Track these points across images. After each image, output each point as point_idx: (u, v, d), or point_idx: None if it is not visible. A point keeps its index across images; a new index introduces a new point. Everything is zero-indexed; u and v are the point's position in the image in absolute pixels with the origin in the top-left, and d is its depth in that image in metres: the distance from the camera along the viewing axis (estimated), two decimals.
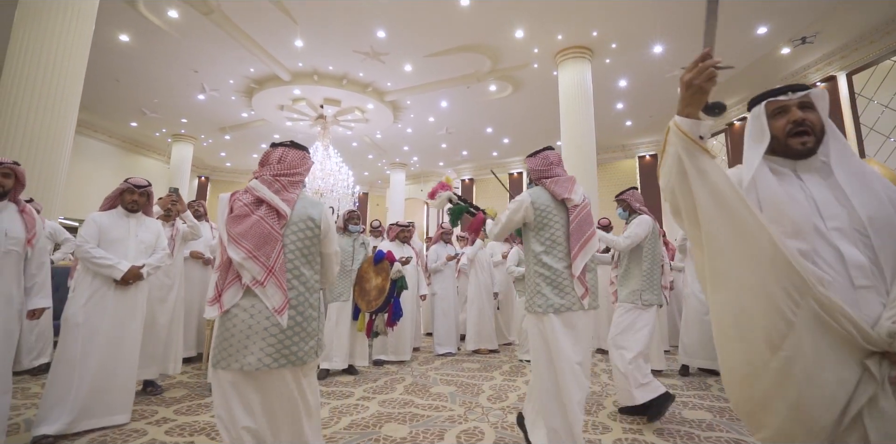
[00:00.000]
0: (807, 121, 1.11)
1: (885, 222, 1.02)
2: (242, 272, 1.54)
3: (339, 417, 2.73)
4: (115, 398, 2.51)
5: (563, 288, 1.98)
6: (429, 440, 2.38)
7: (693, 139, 1.08)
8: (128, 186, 2.76)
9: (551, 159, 2.17)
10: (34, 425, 2.28)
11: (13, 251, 2.21)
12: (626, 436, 2.47)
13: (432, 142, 12.26)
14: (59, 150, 4.59)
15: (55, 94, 4.57)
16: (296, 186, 1.70)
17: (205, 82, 8.79)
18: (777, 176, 1.12)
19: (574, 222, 2.04)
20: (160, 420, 2.60)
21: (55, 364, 2.40)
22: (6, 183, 2.22)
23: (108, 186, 9.98)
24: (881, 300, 0.98)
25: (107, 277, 2.54)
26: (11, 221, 2.24)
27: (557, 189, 2.07)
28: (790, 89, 1.14)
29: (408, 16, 6.60)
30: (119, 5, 6.32)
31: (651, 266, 2.90)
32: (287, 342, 1.54)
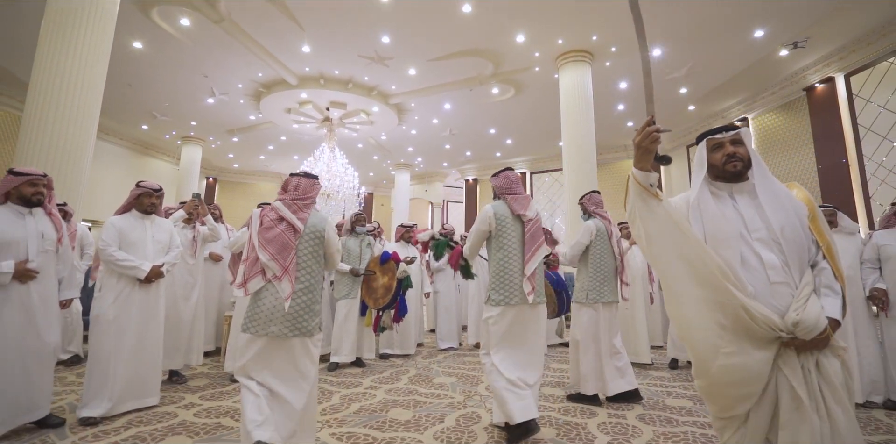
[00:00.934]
0: (737, 154, 1.42)
1: (793, 232, 1.33)
2: (266, 269, 2.08)
3: (349, 403, 3.01)
4: (145, 384, 2.82)
5: (515, 286, 2.44)
6: (430, 423, 2.66)
7: (644, 187, 1.39)
8: (146, 190, 3.02)
9: (512, 179, 2.61)
10: (78, 408, 2.58)
11: (49, 251, 2.54)
12: (609, 420, 2.73)
13: (436, 143, 12.53)
14: (82, 155, 4.89)
15: (77, 103, 4.86)
16: (309, 208, 2.25)
17: (214, 86, 9.12)
18: (716, 198, 1.44)
19: (528, 234, 2.51)
20: (188, 405, 2.90)
21: (92, 358, 2.69)
22: (42, 193, 2.53)
23: (120, 187, 10.34)
24: (791, 292, 1.30)
25: (131, 277, 2.81)
26: (45, 224, 2.56)
27: (515, 206, 2.54)
28: (724, 129, 1.46)
29: (411, 22, 6.86)
30: (134, 14, 6.64)
31: (597, 266, 3.18)
32: (300, 320, 2.09)
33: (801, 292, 1.28)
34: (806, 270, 1.35)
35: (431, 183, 15.99)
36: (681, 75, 8.31)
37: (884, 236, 3.23)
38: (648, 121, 1.34)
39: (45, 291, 2.49)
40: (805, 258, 1.35)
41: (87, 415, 2.54)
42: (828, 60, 7.94)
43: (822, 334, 1.23)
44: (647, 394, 3.29)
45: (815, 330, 1.22)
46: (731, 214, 1.38)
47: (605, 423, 2.68)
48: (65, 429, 2.45)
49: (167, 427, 2.51)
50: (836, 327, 1.27)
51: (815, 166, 8.21)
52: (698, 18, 6.62)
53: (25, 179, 2.46)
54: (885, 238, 3.20)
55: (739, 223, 1.37)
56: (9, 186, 2.44)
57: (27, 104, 4.66)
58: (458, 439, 2.42)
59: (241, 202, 15.58)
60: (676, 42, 7.26)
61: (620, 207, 7.05)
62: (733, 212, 1.39)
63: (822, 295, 1.32)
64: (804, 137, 8.48)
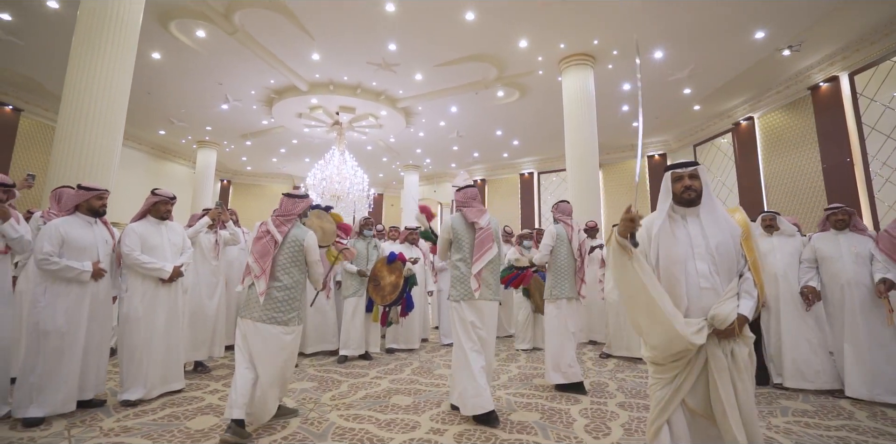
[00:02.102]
0: (692, 186, 1.81)
1: (724, 248, 1.74)
2: (251, 269, 2.65)
3: (356, 391, 3.36)
4: (172, 370, 3.21)
5: (467, 283, 2.92)
6: (427, 407, 2.99)
7: (622, 246, 1.75)
8: (162, 197, 3.34)
9: (470, 195, 3.13)
10: (119, 393, 2.96)
11: (110, 254, 3.00)
12: (591, 407, 3.03)
13: (444, 145, 12.85)
14: (109, 162, 5.29)
15: (105, 113, 5.25)
16: (289, 222, 2.75)
17: (228, 93, 9.57)
18: (672, 221, 1.84)
19: (477, 240, 2.98)
20: (213, 391, 3.28)
21: (126, 351, 3.02)
22: (106, 205, 2.94)
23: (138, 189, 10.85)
24: (717, 295, 1.71)
25: (154, 277, 3.15)
26: (105, 232, 2.99)
27: (469, 216, 3.03)
28: (685, 165, 1.84)
29: (417, 29, 7.18)
30: (154, 27, 7.08)
31: (557, 267, 3.59)
32: (275, 310, 2.62)
33: (724, 295, 1.68)
34: (734, 278, 1.75)
35: (440, 183, 16.32)
36: (683, 76, 8.49)
37: (819, 238, 3.53)
38: (628, 208, 1.70)
39: (107, 288, 2.96)
40: (734, 269, 1.75)
41: (127, 398, 2.93)
42: (832, 59, 8.04)
43: (731, 326, 1.62)
44: (631, 385, 3.58)
45: (726, 323, 1.63)
46: (681, 236, 1.79)
47: (587, 409, 2.97)
48: (108, 409, 2.84)
49: (196, 408, 2.89)
50: (745, 322, 1.66)
51: (819, 165, 8.32)
52: (698, 20, 6.81)
53: (95, 194, 2.91)
54: (820, 241, 3.51)
55: (687, 242, 1.77)
56: (80, 199, 2.88)
57: (60, 115, 5.06)
58: (451, 421, 2.74)
59: (254, 204, 16.11)
60: (677, 43, 7.45)
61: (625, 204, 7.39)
62: (683, 232, 1.80)
63: (742, 298, 1.71)
64: (809, 136, 8.60)
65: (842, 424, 2.75)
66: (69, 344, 2.70)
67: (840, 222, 3.44)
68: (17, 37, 7.28)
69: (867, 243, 3.34)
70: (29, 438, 2.37)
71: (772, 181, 9.33)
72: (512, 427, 2.64)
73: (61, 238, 2.74)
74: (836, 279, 3.35)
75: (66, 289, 2.74)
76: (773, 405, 3.11)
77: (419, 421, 2.73)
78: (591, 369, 4.15)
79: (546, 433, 2.56)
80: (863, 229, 3.47)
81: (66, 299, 2.73)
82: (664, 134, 11.94)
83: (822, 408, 3.06)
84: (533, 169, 14.45)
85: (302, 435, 2.48)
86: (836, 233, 3.46)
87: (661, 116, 10.42)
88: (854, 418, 2.86)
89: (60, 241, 2.73)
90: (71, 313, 2.73)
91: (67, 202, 2.96)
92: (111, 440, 2.37)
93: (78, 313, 2.76)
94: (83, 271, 2.74)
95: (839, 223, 3.44)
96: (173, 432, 2.50)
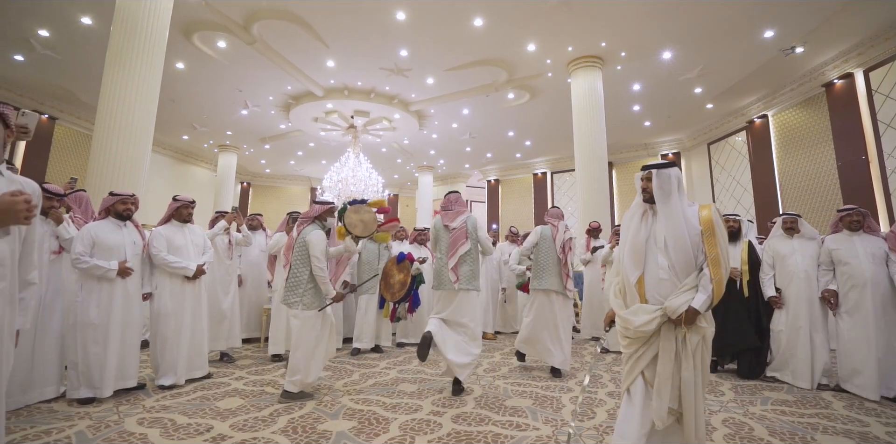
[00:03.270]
0: (646, 188, 2.06)
1: (677, 243, 1.95)
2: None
3: (366, 379, 3.70)
4: (197, 359, 3.60)
5: (444, 276, 3.48)
6: (430, 394, 3.31)
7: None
8: (183, 202, 3.73)
9: (451, 199, 3.68)
10: (155, 379, 3.38)
11: (138, 255, 3.33)
12: (582, 395, 3.29)
13: (457, 146, 13.16)
14: (140, 168, 5.74)
15: (136, 122, 5.70)
16: (304, 223, 3.39)
17: (248, 100, 10.07)
18: (640, 215, 2.09)
19: (451, 238, 3.53)
20: (238, 378, 3.68)
21: (158, 342, 3.44)
22: (131, 209, 3.32)
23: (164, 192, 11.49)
24: (673, 287, 1.95)
25: (180, 275, 3.55)
26: (135, 234, 3.37)
27: (444, 219, 3.61)
28: (650, 167, 2.06)
29: (427, 36, 7.50)
30: (178, 39, 7.57)
31: (538, 262, 4.12)
32: (288, 294, 3.22)
33: (681, 288, 1.91)
34: (692, 272, 1.94)
35: (454, 184, 16.62)
36: (693, 76, 8.60)
37: (833, 240, 3.62)
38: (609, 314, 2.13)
39: (136, 286, 3.32)
40: (691, 264, 1.94)
41: (162, 383, 3.34)
42: (846, 56, 8.05)
43: (680, 316, 1.85)
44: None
45: (676, 313, 1.86)
46: (643, 229, 2.04)
47: (577, 397, 3.24)
48: (148, 391, 3.25)
49: (224, 392, 3.27)
50: (695, 314, 1.85)
51: (834, 163, 8.33)
52: (705, 21, 6.93)
53: (118, 199, 3.28)
54: (835, 243, 3.59)
55: (647, 235, 2.02)
56: (107, 204, 3.27)
57: (96, 126, 5.51)
58: (451, 404, 3.06)
59: (273, 205, 16.71)
60: (685, 44, 7.58)
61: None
62: (646, 226, 2.04)
63: (698, 292, 1.90)
64: (824, 133, 8.60)
65: (816, 412, 2.96)
66: (102, 335, 3.05)
67: (855, 224, 3.50)
68: (54, 51, 7.87)
69: (880, 243, 3.43)
70: (85, 413, 2.78)
71: (786, 179, 9.35)
72: (505, 411, 2.94)
73: (92, 240, 3.10)
74: (855, 280, 3.41)
75: (98, 286, 3.10)
76: (755, 396, 3.34)
77: (421, 405, 3.05)
78: (589, 362, 4.41)
79: (535, 416, 2.85)
80: (875, 230, 3.55)
81: (98, 295, 3.08)
82: (678, 132, 12.00)
83: (803, 399, 3.27)
84: (546, 169, 14.63)
85: (316, 415, 2.83)
86: (850, 234, 3.52)
87: (672, 114, 10.51)
88: (831, 407, 3.07)
89: (91, 242, 3.10)
90: (102, 308, 3.08)
91: (100, 207, 3.34)
92: (153, 414, 2.77)
93: (109, 308, 3.10)
94: (109, 269, 3.08)
95: (854, 224, 3.50)
96: (205, 410, 2.88)
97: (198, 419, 2.72)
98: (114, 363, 3.08)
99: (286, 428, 2.58)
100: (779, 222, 4.01)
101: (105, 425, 2.59)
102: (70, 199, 3.70)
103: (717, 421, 2.77)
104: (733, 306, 3.86)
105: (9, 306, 1.43)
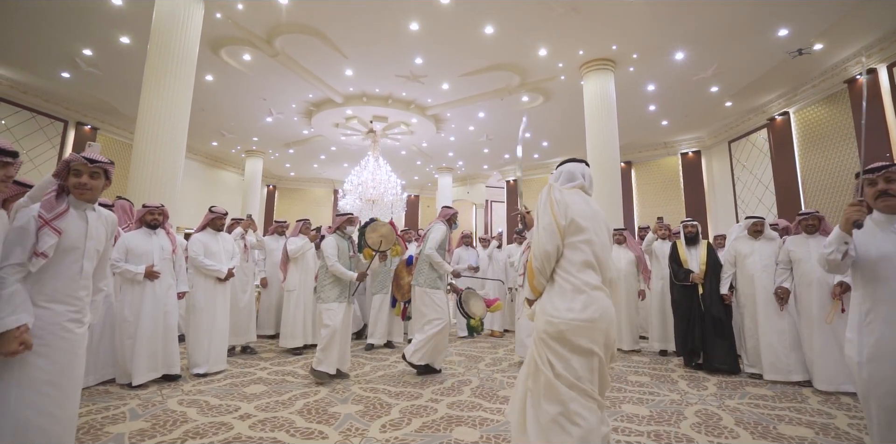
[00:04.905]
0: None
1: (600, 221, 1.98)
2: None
3: (376, 371, 4.14)
4: (221, 352, 4.09)
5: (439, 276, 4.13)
6: (433, 384, 3.71)
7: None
8: (218, 214, 4.30)
9: (440, 212, 4.36)
10: (190, 368, 3.89)
11: (166, 259, 3.84)
12: None
13: (475, 148, 13.51)
14: (175, 174, 6.31)
15: (171, 133, 6.26)
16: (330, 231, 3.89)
17: (272, 107, 10.70)
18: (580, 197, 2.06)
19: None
20: (262, 368, 4.18)
21: (192, 335, 3.97)
22: (158, 219, 3.82)
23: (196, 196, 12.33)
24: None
25: (213, 277, 4.10)
26: (164, 240, 3.87)
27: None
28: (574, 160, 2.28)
29: (440, 44, 7.88)
30: (206, 54, 8.19)
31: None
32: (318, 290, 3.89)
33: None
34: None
35: (474, 184, 16.97)
36: (707, 76, 8.69)
37: (792, 241, 3.91)
38: None
39: (165, 286, 3.79)
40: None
41: (197, 372, 3.86)
42: (869, 51, 7.99)
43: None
44: (616, 372, 4.13)
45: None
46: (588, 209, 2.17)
47: None
48: (186, 378, 3.77)
49: (249, 380, 3.76)
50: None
51: (857, 160, 8.28)
52: (717, 21, 7.02)
53: (146, 210, 3.81)
54: (793, 244, 3.89)
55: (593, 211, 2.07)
56: (139, 215, 3.81)
57: (136, 135, 6.07)
58: (449, 393, 3.45)
59: (298, 206, 17.46)
60: (698, 45, 7.69)
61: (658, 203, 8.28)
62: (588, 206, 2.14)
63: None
64: (847, 130, 8.54)
65: (789, 406, 3.21)
66: (135, 330, 3.54)
67: (810, 227, 3.81)
68: (96, 68, 8.64)
69: None
70: (134, 394, 3.31)
71: (808, 177, 9.30)
72: (497, 400, 3.31)
73: (125, 248, 3.63)
74: (806, 279, 3.74)
75: (131, 288, 3.61)
76: (736, 391, 3.59)
77: (422, 393, 3.44)
78: None
79: None
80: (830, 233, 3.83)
81: (131, 296, 3.60)
82: (697, 131, 12.00)
83: (781, 394, 3.51)
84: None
85: (329, 400, 3.26)
86: (807, 237, 3.83)
87: (690, 113, 10.56)
88: (806, 402, 3.30)
89: (125, 250, 3.62)
90: (134, 307, 3.58)
91: (135, 218, 3.93)
92: (190, 397, 3.27)
93: (140, 307, 3.59)
94: (137, 272, 3.57)
95: (809, 228, 3.82)
96: (233, 394, 3.36)
97: (228, 401, 3.20)
98: (145, 354, 3.54)
99: (301, 410, 3.03)
100: (743, 224, 4.33)
101: (151, 404, 3.10)
102: (116, 207, 4.27)
103: (691, 412, 3.06)
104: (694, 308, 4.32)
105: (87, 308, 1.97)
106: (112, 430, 2.62)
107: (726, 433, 2.68)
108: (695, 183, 12.21)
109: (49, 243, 1.79)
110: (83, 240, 1.94)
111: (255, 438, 2.54)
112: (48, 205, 1.86)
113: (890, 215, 2.00)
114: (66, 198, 1.94)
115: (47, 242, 1.79)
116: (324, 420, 2.84)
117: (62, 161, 1.98)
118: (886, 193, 1.99)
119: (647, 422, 2.86)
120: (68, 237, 1.87)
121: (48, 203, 1.86)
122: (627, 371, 4.17)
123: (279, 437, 2.56)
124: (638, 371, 4.17)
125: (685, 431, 2.72)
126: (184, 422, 2.77)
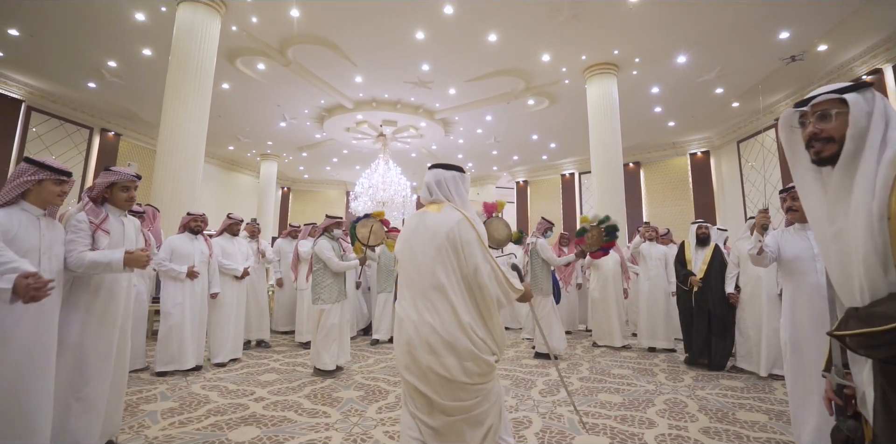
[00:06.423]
0: None
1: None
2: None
3: (379, 363, 4.56)
4: (237, 344, 4.57)
5: None
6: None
7: None
8: (235, 220, 4.84)
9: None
10: (210, 358, 4.37)
11: (205, 262, 4.31)
12: (554, 378, 3.98)
13: (484, 150, 13.87)
14: (195, 178, 6.82)
15: (191, 140, 6.78)
16: (316, 238, 4.27)
17: (285, 113, 11.24)
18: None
19: None
20: (275, 360, 4.64)
21: (212, 327, 4.45)
22: (201, 225, 4.30)
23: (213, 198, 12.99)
24: None
25: (231, 275, 4.61)
26: (203, 245, 4.34)
27: None
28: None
29: (445, 51, 8.26)
30: (223, 64, 8.73)
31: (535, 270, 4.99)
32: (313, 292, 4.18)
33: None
34: None
35: (484, 186, 17.31)
36: (711, 77, 8.89)
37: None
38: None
39: (202, 286, 4.28)
40: None
41: (216, 362, 4.33)
42: (874, 51, 8.11)
43: None
44: (602, 366, 4.49)
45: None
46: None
47: (550, 379, 3.94)
48: (206, 368, 4.25)
49: (264, 369, 4.22)
50: None
51: None
52: (718, 24, 7.20)
53: (191, 218, 4.31)
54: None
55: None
56: (185, 222, 4.31)
57: (159, 142, 6.58)
58: None
59: (312, 208, 18.06)
60: (701, 48, 7.90)
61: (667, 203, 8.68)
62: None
63: None
64: None
65: (755, 395, 3.52)
66: (172, 323, 4.01)
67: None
68: (120, 78, 9.27)
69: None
70: (162, 380, 3.81)
71: None
72: None
73: (171, 249, 4.14)
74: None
75: (173, 286, 4.11)
76: (710, 382, 3.90)
77: None
78: (580, 354, 5.05)
79: (508, 392, 3.58)
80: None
81: (174, 293, 4.09)
82: (706, 131, 12.15)
83: (753, 385, 3.81)
84: (574, 169, 15.04)
85: (333, 386, 3.69)
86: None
87: (696, 114, 10.75)
88: (773, 393, 3.60)
89: (171, 251, 4.13)
90: (174, 302, 4.06)
91: (180, 224, 4.41)
92: (211, 383, 3.73)
93: (180, 302, 4.08)
94: (180, 271, 4.07)
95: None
96: (249, 381, 3.82)
97: (244, 386, 3.65)
98: (182, 344, 4.04)
99: (309, 394, 3.46)
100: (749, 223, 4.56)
101: (178, 388, 3.58)
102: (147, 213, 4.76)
103: (661, 400, 3.39)
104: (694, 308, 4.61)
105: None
106: (146, 408, 3.09)
107: (687, 418, 3.02)
108: (704, 183, 12.36)
109: (105, 243, 2.27)
110: (122, 239, 2.43)
111: (267, 416, 2.98)
112: (93, 212, 2.32)
113: (802, 224, 2.40)
114: (103, 206, 2.41)
115: (103, 241, 2.26)
116: (328, 403, 3.26)
117: (106, 180, 2.41)
118: (791, 208, 2.51)
119: (618, 408, 3.21)
120: (113, 238, 2.37)
121: (92, 211, 2.33)
122: (612, 365, 4.51)
123: (288, 416, 2.99)
124: (622, 365, 4.51)
125: (650, 416, 3.06)
126: (206, 403, 3.22)
